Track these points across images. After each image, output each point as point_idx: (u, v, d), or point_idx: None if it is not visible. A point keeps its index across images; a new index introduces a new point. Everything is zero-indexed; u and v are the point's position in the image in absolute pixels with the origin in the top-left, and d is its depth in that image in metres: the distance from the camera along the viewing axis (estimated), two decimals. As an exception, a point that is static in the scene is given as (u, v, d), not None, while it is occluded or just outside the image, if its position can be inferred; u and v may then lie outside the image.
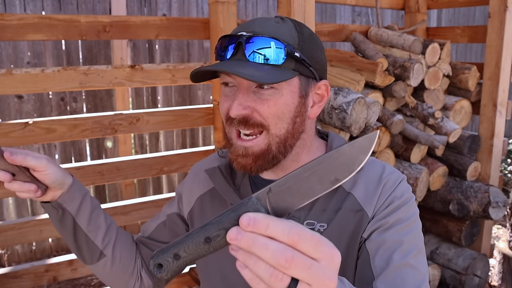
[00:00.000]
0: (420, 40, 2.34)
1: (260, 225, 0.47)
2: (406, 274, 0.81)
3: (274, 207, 0.52)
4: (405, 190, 0.91)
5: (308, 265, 0.47)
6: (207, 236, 0.51)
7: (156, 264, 0.53)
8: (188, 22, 2.02)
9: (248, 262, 0.48)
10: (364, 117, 1.89)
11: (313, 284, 0.48)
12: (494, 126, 2.44)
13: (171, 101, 3.67)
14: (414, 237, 0.86)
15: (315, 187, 0.52)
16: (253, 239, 0.47)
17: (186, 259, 0.52)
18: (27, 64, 3.05)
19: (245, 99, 0.84)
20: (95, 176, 1.89)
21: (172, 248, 0.52)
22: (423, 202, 2.45)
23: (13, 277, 1.79)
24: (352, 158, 0.52)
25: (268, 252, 0.46)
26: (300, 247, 0.47)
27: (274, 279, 0.46)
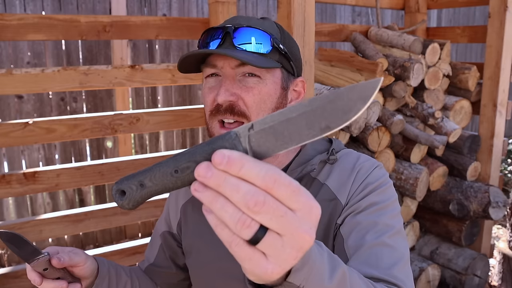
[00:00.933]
0: (420, 40, 2.34)
1: (234, 164, 0.41)
2: (380, 252, 0.79)
3: (253, 147, 0.45)
4: (380, 175, 0.90)
5: (281, 213, 0.41)
6: (176, 167, 0.45)
7: (119, 191, 0.48)
8: (188, 22, 2.02)
9: (214, 205, 0.42)
10: (364, 117, 1.89)
11: (285, 234, 0.42)
12: (494, 126, 2.44)
13: (171, 101, 3.67)
14: (390, 219, 0.84)
15: (303, 132, 0.45)
16: (223, 179, 0.42)
17: (151, 189, 0.47)
18: (27, 64, 3.05)
19: (232, 86, 0.86)
20: (95, 176, 1.89)
21: (137, 176, 0.47)
22: (423, 202, 2.45)
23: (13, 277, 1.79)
24: (349, 104, 0.44)
25: (238, 194, 0.41)
26: (275, 193, 0.41)
27: (241, 225, 0.41)
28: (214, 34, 0.87)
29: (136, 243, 2.08)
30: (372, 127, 2.03)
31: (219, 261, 0.94)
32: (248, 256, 0.43)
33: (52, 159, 3.23)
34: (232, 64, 0.86)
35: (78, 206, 3.36)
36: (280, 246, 0.42)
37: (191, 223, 1.02)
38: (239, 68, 0.86)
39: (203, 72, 0.92)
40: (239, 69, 0.86)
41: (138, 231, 3.58)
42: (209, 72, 0.90)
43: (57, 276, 0.82)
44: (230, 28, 0.85)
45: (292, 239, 0.42)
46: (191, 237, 1.02)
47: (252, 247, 0.43)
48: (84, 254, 0.87)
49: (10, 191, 1.73)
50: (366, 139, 2.03)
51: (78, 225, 1.92)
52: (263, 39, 0.86)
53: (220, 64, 0.87)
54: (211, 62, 0.89)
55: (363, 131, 2.05)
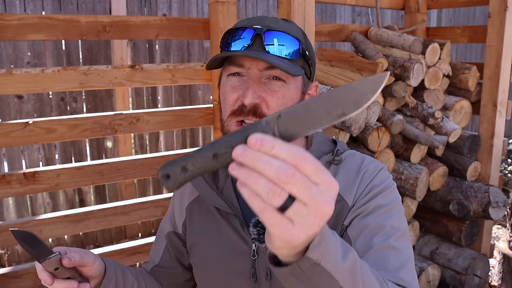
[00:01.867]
0: (420, 40, 2.34)
1: (266, 144, 0.48)
2: (387, 255, 0.82)
3: (281, 132, 0.53)
4: (384, 177, 0.92)
5: (307, 185, 0.48)
6: (215, 152, 0.52)
7: (164, 175, 0.53)
8: (188, 22, 2.02)
9: (248, 180, 0.48)
10: (364, 117, 1.89)
11: (309, 204, 0.48)
12: (494, 126, 2.44)
13: (171, 101, 3.67)
14: (396, 221, 0.87)
15: (322, 118, 0.53)
16: (258, 156, 0.48)
17: (193, 172, 0.53)
18: (27, 64, 3.05)
19: (258, 88, 0.87)
20: (95, 176, 1.89)
21: (180, 161, 0.53)
22: (423, 202, 2.45)
23: (13, 277, 1.79)
24: (361, 95, 0.53)
25: (271, 168, 0.47)
26: (302, 168, 0.48)
27: (273, 194, 0.47)
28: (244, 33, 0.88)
29: (136, 243, 2.08)
30: (372, 127, 2.03)
31: (225, 259, 0.96)
32: (277, 221, 0.48)
33: (52, 159, 3.23)
34: (261, 67, 0.87)
35: (78, 206, 3.36)
36: (305, 213, 0.48)
37: (197, 222, 1.03)
38: (266, 70, 0.87)
39: (226, 69, 0.92)
40: (266, 72, 0.88)
41: (138, 231, 3.58)
42: (234, 70, 0.90)
43: (67, 276, 0.83)
44: (261, 30, 0.86)
45: (315, 208, 0.48)
46: (196, 235, 1.02)
47: (281, 214, 0.48)
48: (92, 254, 0.88)
49: (10, 191, 1.73)
50: (366, 139, 2.03)
51: (78, 225, 1.92)
52: (293, 45, 0.88)
53: (248, 65, 0.88)
54: (238, 61, 0.89)
55: (363, 131, 2.05)
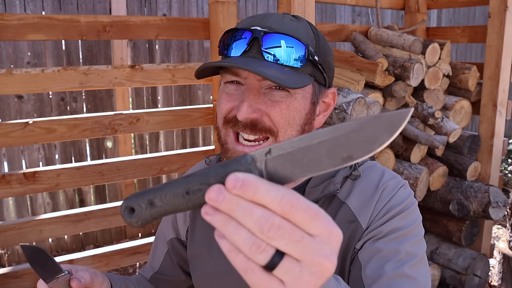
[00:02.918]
0: (420, 40, 2.34)
1: (248, 187, 0.39)
2: (400, 285, 0.72)
3: (270, 173, 0.43)
4: (404, 197, 0.83)
5: (298, 238, 0.39)
6: (188, 189, 0.43)
7: (128, 208, 0.45)
8: (188, 22, 2.02)
9: (226, 229, 0.40)
10: (364, 117, 1.89)
11: (303, 259, 0.39)
12: (494, 126, 2.44)
13: (171, 101, 3.67)
14: (412, 246, 0.77)
15: (323, 161, 0.42)
16: (236, 202, 0.39)
17: (161, 209, 0.45)
18: (27, 64, 3.05)
19: (256, 101, 0.76)
20: (95, 176, 1.89)
21: (148, 194, 0.45)
22: (423, 202, 2.45)
23: (13, 277, 1.79)
24: (374, 135, 0.41)
25: (252, 219, 0.39)
26: (292, 218, 0.39)
27: (256, 249, 0.39)
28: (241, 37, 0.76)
29: (136, 243, 2.08)
30: (372, 127, 2.03)
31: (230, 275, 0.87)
32: (264, 284, 0.40)
33: (52, 159, 3.23)
34: (259, 76, 0.75)
35: (78, 206, 3.36)
36: (298, 272, 0.39)
37: (199, 231, 0.96)
38: (265, 80, 0.75)
39: (223, 76, 0.82)
40: (266, 82, 0.76)
41: (138, 231, 3.58)
42: (230, 79, 0.80)
43: None
44: (259, 32, 0.74)
45: (311, 264, 0.39)
46: (198, 246, 0.96)
47: (268, 273, 0.40)
48: (101, 274, 0.81)
49: (10, 191, 1.73)
50: (366, 139, 2.04)
51: (78, 225, 1.92)
52: (297, 50, 0.75)
53: (244, 74, 0.77)
54: (235, 70, 0.78)
55: (363, 131, 2.05)
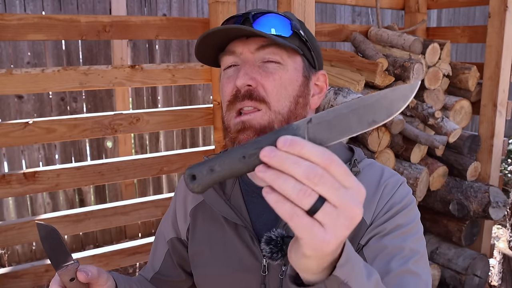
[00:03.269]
0: (420, 40, 2.34)
1: (296, 145, 0.46)
2: (406, 281, 0.76)
3: (311, 137, 0.52)
4: (404, 194, 0.87)
5: (337, 186, 0.46)
6: (244, 154, 0.51)
7: (190, 175, 0.52)
8: (188, 22, 2.02)
9: (276, 182, 0.46)
10: (364, 117, 1.90)
11: (340, 206, 0.46)
12: (494, 126, 2.44)
13: (171, 101, 3.67)
14: (414, 242, 0.82)
15: (353, 125, 0.52)
16: (286, 157, 0.46)
17: (220, 173, 0.52)
18: (27, 64, 3.05)
19: (251, 70, 0.82)
20: (95, 176, 1.89)
21: (208, 162, 0.52)
22: (423, 202, 2.45)
23: (13, 277, 1.79)
24: (392, 103, 0.53)
25: (300, 168, 0.45)
26: (331, 170, 0.46)
27: (303, 194, 0.45)
28: (233, 20, 0.85)
29: (136, 243, 2.08)
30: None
31: (232, 274, 0.90)
32: (308, 226, 0.46)
33: (52, 159, 3.23)
34: (252, 48, 0.83)
35: (78, 206, 3.36)
36: (335, 215, 0.46)
37: (200, 230, 0.97)
38: (259, 51, 0.83)
39: (222, 63, 0.88)
40: (259, 53, 0.83)
41: (138, 231, 3.58)
42: (228, 61, 0.86)
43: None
44: (249, 14, 0.83)
45: (345, 210, 0.46)
46: (199, 245, 0.97)
47: (311, 217, 0.46)
48: (106, 273, 0.83)
49: (10, 191, 1.73)
50: (366, 139, 2.03)
51: (78, 225, 1.92)
52: (283, 23, 0.84)
53: (239, 49, 0.84)
54: (230, 48, 0.85)
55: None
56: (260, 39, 0.83)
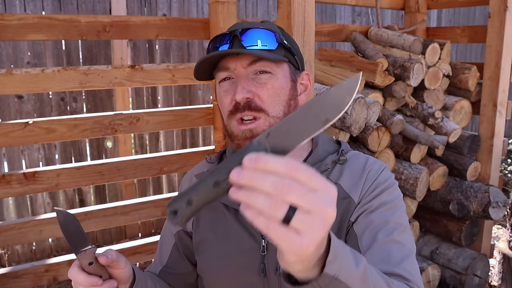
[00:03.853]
0: (420, 40, 2.34)
1: (260, 161, 0.49)
2: (391, 249, 0.86)
3: (273, 148, 0.54)
4: (388, 176, 0.97)
5: (304, 191, 0.48)
6: (215, 180, 0.54)
7: (172, 211, 0.55)
8: (188, 22, 2.02)
9: (249, 199, 0.49)
10: (364, 117, 1.89)
11: (311, 209, 0.48)
12: (494, 126, 2.44)
13: (171, 101, 3.67)
14: (398, 217, 0.92)
15: (309, 128, 0.55)
16: (253, 175, 0.49)
17: (198, 203, 0.55)
18: (27, 64, 3.05)
19: (247, 84, 0.91)
20: (95, 176, 1.89)
21: (184, 195, 0.55)
22: (423, 202, 2.45)
23: (13, 277, 1.79)
24: (339, 99, 0.55)
25: (268, 182, 0.48)
26: (298, 177, 0.48)
27: (274, 207, 0.47)
28: (222, 39, 0.93)
29: (136, 243, 2.08)
30: (372, 127, 2.03)
31: (233, 255, 0.97)
32: (284, 235, 0.48)
33: (52, 159, 3.23)
34: (244, 63, 0.91)
35: (78, 206, 3.36)
36: (309, 220, 0.48)
37: (203, 219, 1.04)
38: (251, 66, 0.91)
39: (216, 77, 0.97)
40: (251, 67, 0.92)
41: (138, 231, 3.58)
42: (222, 76, 0.95)
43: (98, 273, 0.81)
44: (237, 31, 0.91)
45: (318, 212, 0.49)
46: (202, 233, 1.03)
47: (286, 226, 0.49)
48: (124, 257, 0.87)
49: (10, 191, 1.73)
50: (366, 139, 2.03)
51: (78, 225, 1.91)
52: (268, 37, 0.92)
53: (232, 66, 0.92)
54: (223, 65, 0.93)
55: (363, 131, 2.05)
56: (248, 55, 0.91)
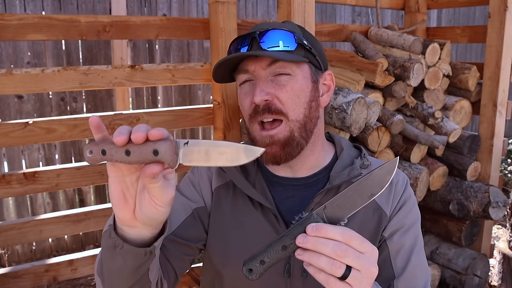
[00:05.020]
0: (420, 40, 2.34)
1: (321, 229, 0.64)
2: (419, 273, 0.94)
3: (329, 219, 0.70)
4: (411, 191, 1.02)
5: (357, 255, 0.64)
6: (283, 245, 0.69)
7: (248, 269, 0.70)
8: (188, 22, 2.02)
9: (312, 259, 0.64)
10: (364, 117, 1.89)
11: (362, 269, 0.64)
12: (494, 126, 2.44)
13: (171, 101, 3.67)
14: (421, 237, 0.98)
15: (357, 202, 0.70)
16: (316, 240, 0.64)
17: (269, 263, 0.70)
18: (27, 64, 3.05)
19: (266, 86, 0.91)
20: (95, 176, 1.89)
21: (258, 256, 0.70)
22: (423, 202, 2.45)
23: (13, 277, 1.79)
24: (381, 178, 0.71)
25: (328, 247, 0.63)
26: (351, 243, 0.64)
27: (335, 267, 0.63)
28: (242, 41, 0.93)
29: (136, 243, 2.07)
30: (372, 127, 2.03)
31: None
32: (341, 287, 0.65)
33: (52, 159, 3.23)
34: (263, 65, 0.91)
35: (78, 206, 3.36)
36: (360, 277, 0.65)
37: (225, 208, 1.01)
38: (270, 67, 0.91)
39: (237, 79, 0.98)
40: (270, 69, 0.91)
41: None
42: (242, 78, 0.95)
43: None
44: (255, 33, 0.91)
45: (366, 272, 0.65)
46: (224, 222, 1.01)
47: (342, 281, 0.65)
48: None
49: (10, 191, 1.73)
50: (366, 139, 2.03)
51: (78, 225, 1.92)
52: (287, 38, 0.92)
53: (252, 68, 0.93)
54: (243, 67, 0.94)
55: (363, 131, 2.05)
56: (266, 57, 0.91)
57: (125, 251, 0.72)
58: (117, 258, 0.74)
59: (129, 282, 0.79)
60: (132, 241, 0.73)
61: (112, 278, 0.79)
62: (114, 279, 0.79)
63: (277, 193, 1.01)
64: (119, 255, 0.73)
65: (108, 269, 0.79)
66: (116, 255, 0.73)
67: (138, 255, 0.73)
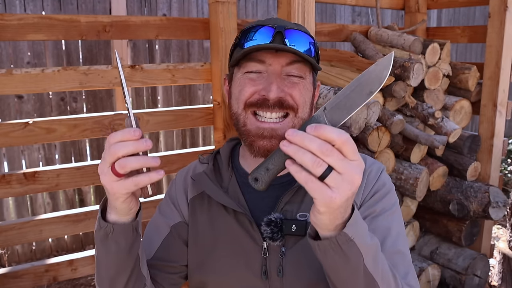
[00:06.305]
0: (420, 40, 2.34)
1: (320, 129, 0.62)
2: (397, 260, 0.89)
3: (329, 120, 0.69)
4: (386, 179, 1.00)
5: (342, 158, 0.62)
6: None
7: (253, 178, 0.69)
8: (188, 22, 2.02)
9: (297, 154, 0.63)
10: (364, 117, 1.89)
11: (344, 173, 0.62)
12: (494, 126, 2.44)
13: (171, 101, 3.67)
14: (399, 224, 0.96)
15: (357, 100, 0.69)
16: (305, 135, 0.62)
17: (273, 169, 0.68)
18: (27, 64, 3.05)
19: (282, 83, 0.92)
20: (95, 176, 1.89)
21: (262, 164, 0.69)
22: (423, 202, 2.45)
23: (13, 277, 1.79)
24: (379, 74, 0.69)
25: (315, 144, 0.62)
26: (344, 146, 0.62)
27: (316, 164, 0.61)
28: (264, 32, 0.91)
29: (136, 243, 2.07)
30: (372, 127, 2.03)
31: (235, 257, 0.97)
32: (319, 188, 0.63)
33: (52, 159, 3.23)
34: (283, 62, 0.92)
35: (78, 206, 3.36)
36: (340, 180, 0.63)
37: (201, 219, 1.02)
38: (288, 66, 0.92)
39: (244, 66, 0.95)
40: (287, 68, 0.92)
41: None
42: (253, 68, 0.93)
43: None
44: (281, 27, 0.91)
45: (348, 176, 0.63)
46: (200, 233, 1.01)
47: (321, 182, 0.63)
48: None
49: (10, 191, 1.73)
50: (366, 139, 2.03)
51: (78, 225, 1.92)
52: (310, 43, 0.94)
53: (270, 61, 0.92)
54: (259, 57, 0.92)
55: (363, 131, 2.05)
56: (290, 55, 0.91)
57: (116, 233, 0.81)
58: (111, 246, 0.82)
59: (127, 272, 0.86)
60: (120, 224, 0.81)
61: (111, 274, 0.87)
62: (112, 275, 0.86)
63: (251, 195, 1.00)
64: (112, 240, 0.81)
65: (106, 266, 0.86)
66: (110, 242, 0.82)
67: (127, 231, 0.81)
